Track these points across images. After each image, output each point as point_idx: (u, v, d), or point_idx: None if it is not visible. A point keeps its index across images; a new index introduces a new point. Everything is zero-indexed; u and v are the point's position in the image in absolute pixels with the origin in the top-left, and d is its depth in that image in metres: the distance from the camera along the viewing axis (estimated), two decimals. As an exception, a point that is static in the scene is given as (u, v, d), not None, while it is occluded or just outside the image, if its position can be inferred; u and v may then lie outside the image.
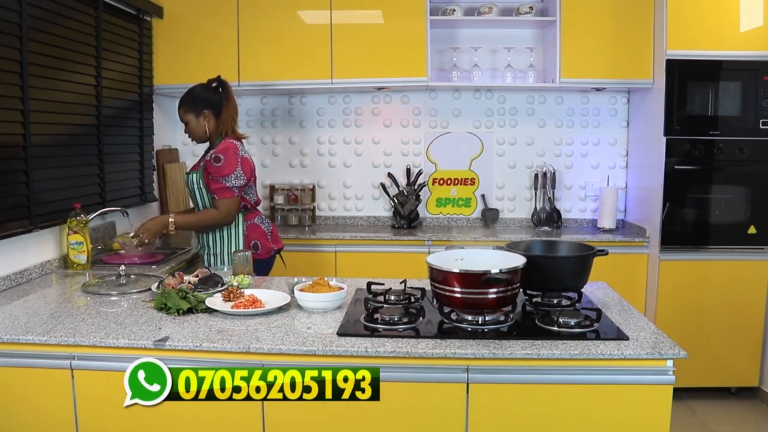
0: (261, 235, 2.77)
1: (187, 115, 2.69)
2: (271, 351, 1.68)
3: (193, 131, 2.72)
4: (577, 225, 3.90)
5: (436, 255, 1.96)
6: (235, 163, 2.60)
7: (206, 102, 2.68)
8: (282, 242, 2.94)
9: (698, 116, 3.27)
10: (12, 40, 2.36)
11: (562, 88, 3.57)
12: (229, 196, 2.62)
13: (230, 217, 2.66)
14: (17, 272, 2.39)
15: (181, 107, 2.70)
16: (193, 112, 2.68)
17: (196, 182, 2.69)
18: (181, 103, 2.71)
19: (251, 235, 2.74)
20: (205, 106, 2.67)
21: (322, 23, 3.49)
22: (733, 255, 3.31)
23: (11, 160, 2.39)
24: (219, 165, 2.59)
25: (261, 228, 2.78)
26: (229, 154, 2.60)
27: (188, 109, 2.69)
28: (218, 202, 2.63)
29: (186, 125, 2.72)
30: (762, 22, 3.17)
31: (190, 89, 2.73)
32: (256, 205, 2.81)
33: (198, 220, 2.71)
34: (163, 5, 3.53)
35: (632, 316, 1.92)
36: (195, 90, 2.72)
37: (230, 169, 2.59)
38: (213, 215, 2.64)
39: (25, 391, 1.78)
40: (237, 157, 2.62)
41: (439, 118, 3.92)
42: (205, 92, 2.71)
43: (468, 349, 1.65)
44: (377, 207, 4.00)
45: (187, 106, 2.69)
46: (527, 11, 3.58)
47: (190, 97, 2.71)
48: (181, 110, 2.70)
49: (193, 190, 2.72)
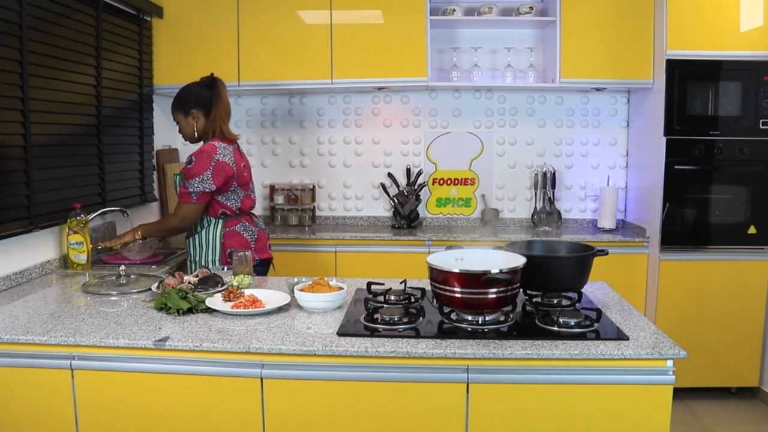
0: (241, 243, 2.61)
1: (177, 115, 2.66)
2: (271, 351, 1.68)
3: (182, 131, 2.69)
4: (577, 225, 3.90)
5: (436, 255, 1.96)
6: (203, 167, 2.49)
7: (195, 101, 2.62)
8: (270, 252, 2.81)
9: (698, 116, 3.27)
10: (12, 40, 2.36)
11: (562, 88, 3.57)
12: (186, 201, 2.52)
13: (186, 222, 2.56)
14: (17, 272, 2.39)
15: (172, 106, 2.68)
16: (182, 112, 2.64)
17: (177, 183, 2.61)
18: (172, 102, 2.68)
19: (228, 242, 2.60)
20: (195, 105, 2.62)
21: (322, 23, 3.49)
22: (733, 255, 3.31)
23: (11, 160, 2.39)
24: (189, 167, 2.51)
25: (242, 236, 2.63)
26: (203, 157, 2.50)
27: (178, 109, 2.66)
28: (177, 207, 2.57)
29: (177, 124, 2.70)
30: (762, 22, 3.17)
31: (183, 88, 2.69)
32: (241, 211, 2.65)
33: (158, 227, 2.68)
34: (163, 5, 3.53)
35: (632, 316, 1.92)
36: (186, 88, 2.67)
37: (196, 173, 2.49)
38: (170, 220, 2.63)
39: (25, 391, 1.78)
40: (210, 161, 2.50)
41: (439, 118, 3.93)
42: (195, 90, 2.64)
43: (468, 349, 1.65)
44: (377, 207, 4.00)
45: (176, 106, 2.66)
46: (527, 11, 3.59)
47: (179, 97, 2.66)
48: (173, 109, 2.68)
49: (175, 192, 2.66)
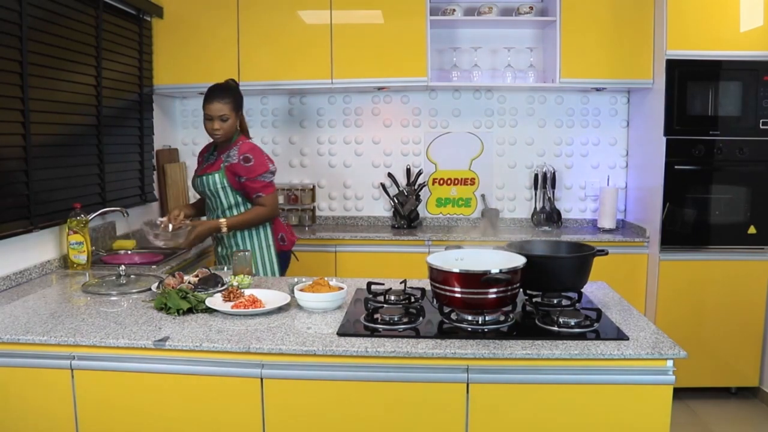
0: (284, 227, 2.84)
1: (231, 111, 2.62)
2: (271, 351, 1.68)
3: (229, 128, 2.63)
4: (577, 225, 3.90)
5: (436, 255, 1.96)
6: (265, 159, 2.66)
7: (242, 100, 2.70)
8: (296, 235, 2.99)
9: (698, 116, 3.27)
10: (12, 40, 2.36)
11: (562, 88, 3.57)
12: (273, 191, 2.70)
13: (276, 211, 2.73)
14: (17, 272, 2.39)
15: (223, 101, 2.59)
16: (236, 109, 2.65)
17: (219, 182, 2.63)
18: (222, 97, 2.60)
19: (277, 228, 2.79)
20: (242, 105, 2.70)
21: (322, 23, 3.49)
22: (733, 255, 3.31)
23: (11, 160, 2.39)
24: (251, 165, 2.61)
25: (282, 221, 2.87)
26: (256, 152, 2.64)
27: (233, 105, 2.63)
28: (264, 199, 2.66)
29: (222, 121, 2.61)
30: (762, 22, 3.17)
31: (229, 85, 2.69)
32: None
33: (246, 220, 2.68)
34: (163, 5, 3.53)
35: (632, 316, 1.92)
36: (234, 87, 2.70)
37: (266, 166, 2.65)
38: (262, 212, 2.67)
39: (25, 391, 1.78)
40: (264, 154, 2.68)
41: (439, 118, 3.92)
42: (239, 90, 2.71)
43: (468, 349, 1.65)
44: (377, 207, 4.00)
45: (232, 102, 2.63)
46: (527, 11, 3.58)
47: (236, 93, 2.66)
48: (225, 105, 2.59)
49: (216, 191, 2.65)
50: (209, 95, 2.62)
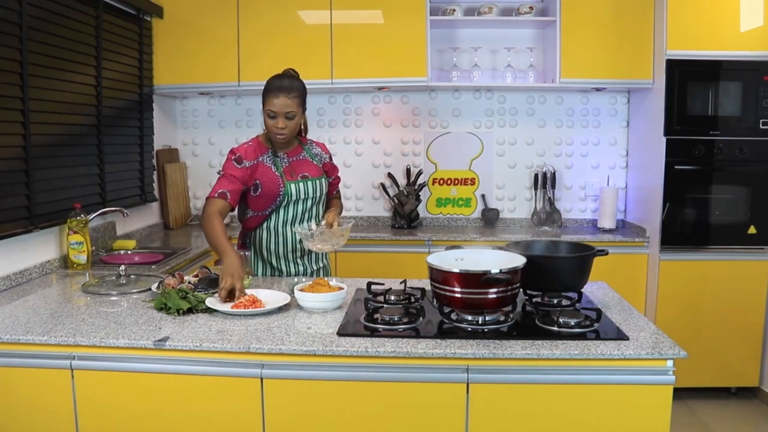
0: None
1: (298, 108, 2.32)
2: (271, 351, 1.68)
3: (294, 127, 2.35)
4: (577, 225, 3.90)
5: (436, 255, 1.96)
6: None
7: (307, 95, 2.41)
8: None
9: (698, 116, 3.27)
10: (12, 40, 2.36)
11: (562, 88, 3.57)
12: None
13: None
14: (17, 272, 2.39)
15: (291, 96, 2.28)
16: (303, 105, 2.36)
17: (325, 185, 2.51)
18: (290, 91, 2.28)
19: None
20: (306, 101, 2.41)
21: (322, 23, 3.49)
22: (733, 255, 3.31)
23: (11, 160, 2.39)
24: (332, 161, 2.60)
25: None
26: (326, 149, 2.60)
27: (301, 101, 2.34)
28: (338, 192, 2.70)
29: (288, 119, 2.30)
30: (762, 22, 3.17)
31: (297, 79, 2.36)
32: None
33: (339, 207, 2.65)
34: (163, 5, 3.53)
35: (632, 316, 1.92)
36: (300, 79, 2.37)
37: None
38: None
39: (25, 391, 1.78)
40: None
41: (439, 118, 3.93)
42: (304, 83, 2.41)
43: (468, 349, 1.65)
44: (377, 207, 4.00)
45: (300, 97, 2.33)
46: (527, 11, 3.59)
47: (303, 87, 2.36)
48: (293, 101, 2.28)
49: (322, 195, 2.49)
50: (273, 89, 2.28)
